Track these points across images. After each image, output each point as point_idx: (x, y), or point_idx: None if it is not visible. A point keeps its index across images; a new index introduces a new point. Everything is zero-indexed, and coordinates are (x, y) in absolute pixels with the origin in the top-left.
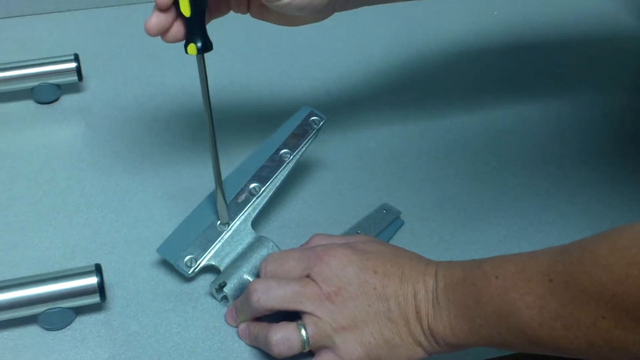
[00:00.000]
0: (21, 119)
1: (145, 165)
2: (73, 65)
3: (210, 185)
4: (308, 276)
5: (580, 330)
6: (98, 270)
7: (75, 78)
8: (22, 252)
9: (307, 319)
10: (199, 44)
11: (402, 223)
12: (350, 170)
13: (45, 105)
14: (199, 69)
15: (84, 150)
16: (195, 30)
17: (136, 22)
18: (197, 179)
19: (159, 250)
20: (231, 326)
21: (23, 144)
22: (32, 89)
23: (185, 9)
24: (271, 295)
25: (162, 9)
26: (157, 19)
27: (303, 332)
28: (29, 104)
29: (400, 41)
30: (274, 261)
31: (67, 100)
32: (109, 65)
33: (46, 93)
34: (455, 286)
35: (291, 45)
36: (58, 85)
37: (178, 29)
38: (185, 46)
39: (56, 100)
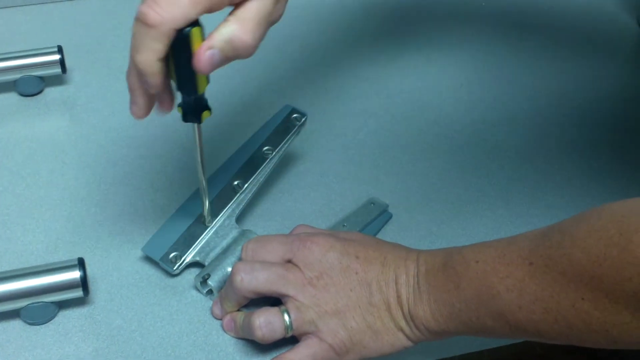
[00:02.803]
0: (4, 111)
1: (129, 158)
2: (57, 57)
3: (194, 178)
4: (290, 262)
5: (560, 313)
6: (81, 264)
7: (59, 70)
8: (3, 245)
9: (289, 304)
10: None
11: (390, 216)
12: (337, 163)
13: (28, 98)
14: (193, 135)
15: (67, 143)
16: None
17: (121, 14)
18: (182, 172)
19: (143, 249)
20: (216, 319)
21: (6, 136)
22: (15, 81)
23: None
24: (255, 275)
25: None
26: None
27: (286, 316)
28: (12, 97)
29: (387, 32)
30: (256, 242)
31: (50, 92)
32: (93, 58)
33: (29, 85)
34: (436, 271)
35: (277, 37)
36: (41, 78)
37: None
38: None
39: (40, 92)
